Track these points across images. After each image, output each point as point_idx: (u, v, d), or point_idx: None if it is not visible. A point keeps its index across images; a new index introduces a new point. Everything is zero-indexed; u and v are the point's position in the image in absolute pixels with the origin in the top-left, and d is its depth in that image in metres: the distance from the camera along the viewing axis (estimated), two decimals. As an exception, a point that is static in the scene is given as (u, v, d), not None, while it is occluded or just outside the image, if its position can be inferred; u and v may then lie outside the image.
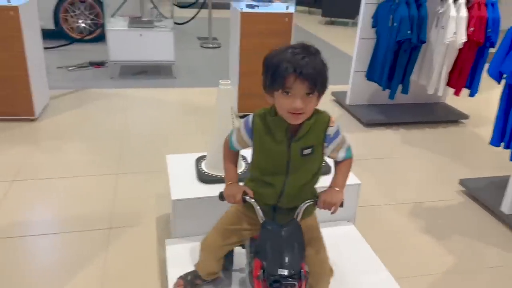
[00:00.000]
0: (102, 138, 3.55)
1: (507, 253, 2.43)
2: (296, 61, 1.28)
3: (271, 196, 1.50)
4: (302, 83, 1.29)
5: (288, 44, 1.38)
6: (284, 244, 1.39)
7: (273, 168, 1.46)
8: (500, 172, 3.15)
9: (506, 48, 2.58)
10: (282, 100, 1.33)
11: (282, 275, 1.34)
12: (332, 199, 1.43)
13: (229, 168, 1.60)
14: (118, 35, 4.85)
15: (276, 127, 1.41)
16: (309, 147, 1.43)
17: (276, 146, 1.43)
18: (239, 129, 1.52)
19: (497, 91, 5.27)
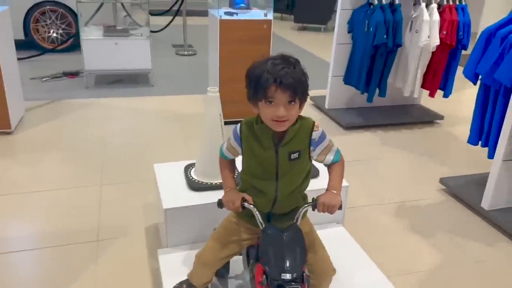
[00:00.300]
0: (82, 149, 3.49)
1: (490, 248, 2.52)
2: (276, 72, 1.34)
3: (265, 204, 1.54)
4: (283, 92, 1.35)
5: (268, 56, 1.44)
6: (286, 248, 1.41)
7: (263, 174, 1.50)
8: (477, 169, 3.27)
9: (480, 50, 2.68)
10: (265, 109, 1.39)
11: (285, 279, 1.35)
12: (331, 201, 1.46)
13: (226, 175, 1.62)
14: (93, 44, 4.78)
15: (263, 134, 1.47)
16: (295, 151, 1.48)
17: (264, 152, 1.48)
18: (229, 139, 1.57)
19: (469, 91, 5.50)
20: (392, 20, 3.69)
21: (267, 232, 1.47)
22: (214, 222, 2.09)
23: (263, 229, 1.48)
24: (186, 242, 2.13)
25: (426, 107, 4.55)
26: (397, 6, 3.75)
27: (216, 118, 2.15)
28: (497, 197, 2.69)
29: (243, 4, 3.93)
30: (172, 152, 3.51)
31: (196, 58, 6.74)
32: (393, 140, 3.97)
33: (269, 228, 1.48)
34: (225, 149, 1.60)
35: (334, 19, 10.39)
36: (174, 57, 6.74)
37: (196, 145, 3.64)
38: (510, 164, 2.60)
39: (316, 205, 1.48)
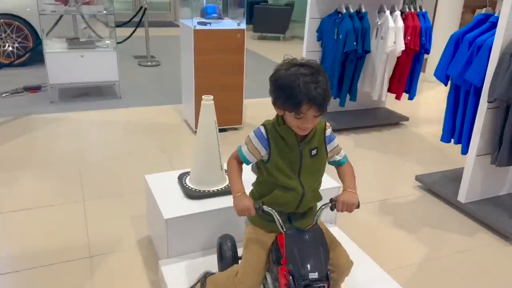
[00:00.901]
0: (57, 166, 3.38)
1: (470, 238, 2.68)
2: (309, 91, 1.38)
3: (293, 201, 1.58)
4: (314, 111, 1.42)
5: (293, 61, 1.48)
6: (311, 248, 1.45)
7: (289, 170, 1.56)
8: (447, 166, 3.46)
9: (450, 53, 2.86)
10: (293, 120, 1.47)
11: (313, 278, 1.39)
12: (350, 200, 1.53)
13: (236, 180, 1.62)
14: (58, 57, 4.64)
15: (287, 134, 1.54)
16: (314, 148, 1.58)
17: (290, 151, 1.56)
18: (250, 141, 1.59)
19: (431, 93, 5.80)
20: (360, 28, 3.85)
21: (290, 234, 1.50)
22: (214, 230, 2.12)
23: (286, 231, 1.52)
24: (187, 252, 2.12)
25: (392, 109, 4.75)
26: (364, 14, 3.92)
27: (212, 125, 2.16)
28: (472, 190, 2.86)
29: (215, 14, 3.97)
30: (151, 164, 3.47)
31: (159, 69, 6.68)
32: (365, 142, 4.13)
33: (291, 230, 1.52)
34: (246, 152, 1.60)
35: (292, 28, 10.66)
36: (137, 68, 6.66)
37: (174, 155, 3.65)
38: (482, 158, 2.78)
39: (335, 204, 1.53)
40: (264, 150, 1.57)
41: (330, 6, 4.03)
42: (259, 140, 1.56)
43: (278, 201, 1.58)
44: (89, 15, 5.47)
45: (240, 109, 4.12)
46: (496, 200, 2.93)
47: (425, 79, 6.09)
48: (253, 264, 1.60)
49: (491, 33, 2.64)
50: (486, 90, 2.58)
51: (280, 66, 1.49)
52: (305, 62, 1.46)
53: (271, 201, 1.58)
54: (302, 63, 1.46)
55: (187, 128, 4.23)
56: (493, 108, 2.64)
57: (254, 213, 1.53)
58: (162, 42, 8.43)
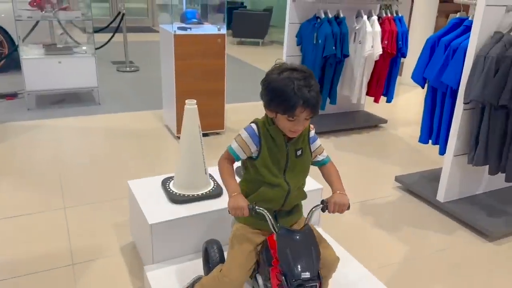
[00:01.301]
0: (37, 173, 3.32)
1: (449, 236, 2.75)
2: (303, 95, 1.44)
3: (279, 198, 1.62)
4: (307, 113, 1.48)
5: (285, 66, 1.53)
6: (303, 249, 1.47)
7: (275, 168, 1.60)
8: (425, 166, 3.54)
9: (426, 56, 2.94)
10: (285, 122, 1.52)
11: (305, 278, 1.41)
12: (341, 201, 1.57)
13: (231, 181, 1.63)
14: (35, 64, 4.57)
15: (276, 134, 1.59)
16: (299, 148, 1.63)
17: (277, 149, 1.60)
18: (241, 138, 1.61)
19: (409, 96, 5.92)
20: (339, 32, 3.92)
21: (282, 235, 1.52)
22: (200, 234, 2.12)
23: (278, 232, 1.53)
24: (172, 257, 2.11)
25: (371, 112, 4.84)
26: (342, 19, 3.99)
27: (195, 130, 2.17)
28: (450, 190, 2.94)
29: (195, 19, 3.97)
30: (133, 170, 3.44)
31: (138, 74, 6.64)
32: (345, 144, 4.19)
33: (283, 230, 1.53)
34: (237, 148, 1.62)
35: (271, 33, 10.72)
36: (116, 74, 6.60)
37: (156, 161, 3.63)
38: (460, 158, 2.85)
39: (327, 206, 1.57)
40: (254, 147, 1.60)
41: (308, 11, 4.09)
42: (250, 136, 1.60)
43: (265, 198, 1.61)
44: (66, 21, 5.40)
45: (222, 113, 4.13)
46: (473, 199, 3.01)
47: (402, 82, 6.21)
48: (238, 259, 1.62)
49: (466, 36, 2.72)
50: (462, 91, 2.66)
51: (272, 70, 1.54)
52: (297, 67, 1.51)
53: (257, 198, 1.60)
54: (294, 68, 1.51)
55: (169, 134, 4.21)
56: (469, 109, 2.72)
57: (248, 213, 1.54)
58: (141, 47, 8.38)
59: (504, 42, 2.51)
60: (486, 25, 2.58)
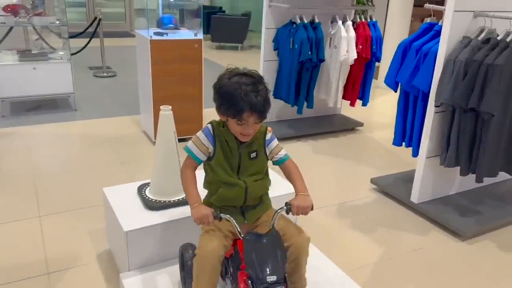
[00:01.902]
0: (10, 182, 3.26)
1: (423, 236, 2.81)
2: (250, 100, 1.49)
3: (238, 196, 1.65)
4: (254, 117, 1.53)
5: (235, 71, 1.57)
6: (268, 252, 1.49)
7: (229, 168, 1.65)
8: (400, 168, 3.61)
9: (398, 61, 3.01)
10: (235, 126, 1.57)
11: (271, 281, 1.43)
12: (304, 203, 1.60)
13: (192, 191, 1.65)
14: (9, 70, 4.50)
15: (229, 136, 1.64)
16: (254, 151, 1.68)
17: (230, 152, 1.65)
18: (198, 139, 1.65)
19: (384, 99, 6.01)
20: (314, 37, 3.97)
21: (248, 239, 1.54)
22: (176, 240, 2.11)
23: (244, 237, 1.55)
24: (148, 264, 2.11)
25: (347, 116, 4.90)
26: (317, 24, 4.04)
27: (171, 135, 2.17)
28: (424, 191, 3.00)
29: (171, 25, 3.97)
30: (110, 177, 3.41)
31: (116, 80, 6.59)
32: (322, 147, 4.23)
33: (249, 235, 1.55)
34: (195, 150, 1.65)
35: (250, 38, 10.75)
36: (92, 79, 6.54)
37: (134, 167, 3.61)
38: (432, 160, 2.92)
39: (291, 209, 1.59)
40: (211, 146, 1.64)
41: (284, 16, 4.13)
42: (206, 136, 1.64)
43: (225, 197, 1.65)
44: (41, 27, 5.33)
45: (199, 118, 4.13)
46: (446, 199, 3.09)
47: (377, 86, 6.31)
48: (209, 235, 1.60)
49: (436, 41, 2.80)
50: (433, 95, 2.73)
51: (223, 74, 1.58)
52: (247, 72, 1.56)
53: (218, 199, 1.65)
54: (244, 73, 1.55)
55: (146, 139, 4.19)
56: (440, 112, 2.79)
57: (213, 220, 1.55)
58: (118, 52, 8.32)
59: (472, 47, 2.59)
60: (455, 30, 2.66)
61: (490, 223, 2.86)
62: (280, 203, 1.87)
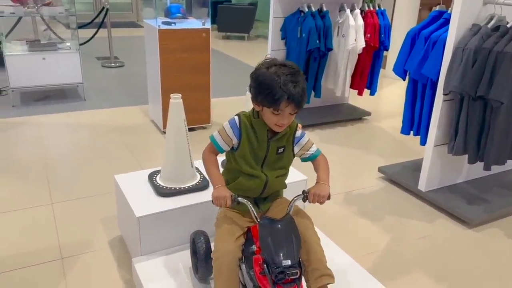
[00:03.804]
0: (23, 170, 3.31)
1: (430, 224, 2.83)
2: (288, 90, 1.48)
3: (257, 188, 1.68)
4: (291, 108, 1.52)
5: (274, 61, 1.57)
6: (284, 237, 1.52)
7: (253, 161, 1.66)
8: (408, 157, 3.62)
9: (407, 49, 3.01)
10: (271, 116, 1.56)
11: (286, 265, 1.46)
12: (321, 192, 1.61)
13: (216, 172, 1.69)
14: (19, 60, 4.54)
15: (260, 128, 1.64)
16: (282, 146, 1.68)
17: (258, 144, 1.65)
18: (223, 130, 1.66)
19: (392, 88, 6.00)
20: (322, 26, 3.96)
21: (264, 224, 1.56)
22: (187, 226, 2.15)
23: (260, 222, 1.58)
24: (159, 249, 2.15)
25: (355, 105, 4.90)
26: (325, 13, 4.03)
27: (181, 124, 2.20)
28: (431, 179, 3.01)
29: (179, 14, 3.98)
30: (119, 165, 3.45)
31: (124, 70, 6.62)
32: (330, 137, 4.25)
33: (265, 220, 1.58)
34: (219, 140, 1.67)
35: (256, 28, 10.71)
36: (101, 69, 6.57)
37: (143, 156, 3.65)
38: (440, 148, 2.93)
39: (307, 196, 1.61)
40: (235, 138, 1.65)
41: (292, 5, 4.12)
42: (232, 128, 1.65)
43: (243, 187, 1.67)
44: (50, 17, 5.35)
45: (207, 108, 4.15)
46: (454, 187, 3.10)
47: (385, 75, 6.30)
48: (224, 233, 1.63)
49: (445, 29, 2.79)
50: (441, 83, 2.73)
51: (261, 64, 1.58)
52: (285, 62, 1.56)
53: (236, 187, 1.66)
54: (282, 63, 1.55)
55: (155, 128, 4.23)
56: (448, 100, 2.79)
57: (230, 203, 1.58)
58: (125, 42, 8.34)
59: (481, 34, 2.58)
60: (464, 17, 2.65)
61: (497, 211, 2.87)
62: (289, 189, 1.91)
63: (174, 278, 1.98)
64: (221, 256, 1.59)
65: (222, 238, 1.64)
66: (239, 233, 1.65)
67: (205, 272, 1.90)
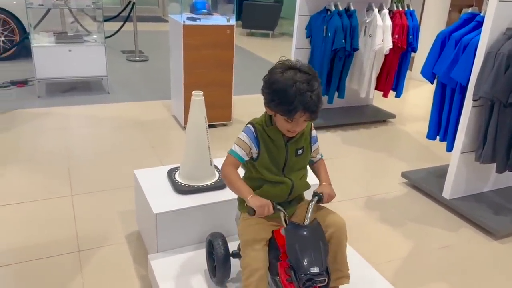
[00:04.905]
0: (44, 160, 3.35)
1: (454, 233, 2.74)
2: (304, 99, 1.42)
3: (283, 193, 1.65)
4: (306, 117, 1.48)
5: (289, 64, 1.49)
6: (311, 243, 1.48)
7: (274, 168, 1.63)
8: (432, 163, 3.52)
9: (436, 52, 2.91)
10: (284, 123, 1.52)
11: (314, 272, 1.42)
12: (331, 192, 1.66)
13: (241, 184, 1.61)
14: (45, 52, 4.60)
15: (275, 135, 1.60)
16: (300, 148, 1.65)
17: (276, 150, 1.62)
18: (242, 140, 1.61)
19: (418, 91, 5.87)
20: (349, 25, 3.88)
21: (291, 230, 1.52)
22: (204, 224, 2.13)
23: (286, 228, 1.54)
24: (176, 246, 2.13)
25: (379, 107, 4.81)
26: (352, 12, 3.95)
27: (201, 121, 2.17)
28: (456, 187, 2.92)
29: (205, 10, 3.96)
30: (140, 159, 3.46)
31: (148, 64, 6.66)
32: (352, 138, 4.17)
33: (292, 226, 1.54)
34: (240, 150, 1.61)
35: (281, 25, 10.65)
36: (125, 63, 6.62)
37: (163, 151, 3.65)
38: (467, 155, 2.83)
39: (323, 197, 1.62)
40: (254, 148, 1.61)
41: (319, 3, 4.05)
42: (250, 138, 1.61)
43: (269, 194, 1.61)
44: (77, 9, 5.41)
45: (229, 105, 4.13)
46: (480, 196, 3.00)
47: (412, 77, 6.16)
48: (250, 240, 1.58)
49: (477, 32, 2.69)
50: (471, 88, 2.63)
51: (275, 68, 1.51)
52: (301, 66, 1.47)
53: (262, 195, 1.60)
54: (298, 68, 1.47)
55: (176, 124, 4.23)
56: (478, 106, 2.69)
57: (272, 210, 1.53)
58: (150, 37, 8.39)
59: (516, 39, 2.48)
60: (498, 21, 2.55)
61: (525, 223, 2.77)
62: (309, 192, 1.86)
63: (190, 279, 1.96)
64: (250, 265, 1.54)
65: (250, 246, 1.58)
66: (266, 239, 1.61)
67: (223, 276, 1.87)
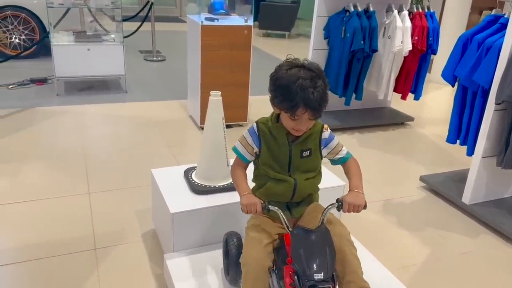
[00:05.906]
0: (62, 158, 3.39)
1: (473, 239, 2.68)
2: (305, 95, 1.40)
3: (286, 192, 1.62)
4: (309, 114, 1.45)
5: (295, 62, 1.49)
6: (317, 248, 1.44)
7: (278, 166, 1.61)
8: (451, 167, 3.46)
9: (458, 54, 2.86)
10: (288, 120, 1.51)
11: (318, 279, 1.38)
12: (356, 201, 1.52)
13: (241, 181, 1.64)
14: (65, 50, 4.66)
15: (278, 132, 1.58)
16: (307, 149, 1.61)
17: (279, 149, 1.60)
18: (244, 139, 1.63)
19: (437, 94, 5.79)
20: (368, 26, 3.84)
21: (296, 234, 1.49)
22: (220, 225, 2.12)
23: (292, 231, 1.51)
24: (192, 246, 2.13)
25: (397, 109, 4.75)
26: (372, 13, 3.91)
27: (219, 121, 2.17)
28: (477, 192, 2.86)
29: (223, 10, 3.96)
30: (156, 158, 3.48)
31: (165, 64, 6.69)
32: (369, 141, 4.13)
33: (297, 230, 1.51)
34: (242, 149, 1.64)
35: (298, 26, 10.62)
36: (143, 63, 6.66)
37: (180, 150, 3.66)
38: (488, 160, 2.78)
39: (342, 205, 1.52)
40: (255, 146, 1.61)
41: (337, 4, 4.02)
42: (251, 136, 1.61)
43: (272, 192, 1.62)
44: (96, 9, 5.47)
45: (245, 105, 4.12)
46: (500, 202, 2.93)
47: (431, 80, 6.08)
48: (253, 241, 1.58)
49: (501, 35, 2.63)
50: (494, 91, 2.58)
51: (281, 65, 1.51)
52: (306, 64, 1.47)
53: (265, 193, 1.61)
54: (303, 65, 1.47)
55: (193, 124, 4.24)
56: (500, 110, 2.63)
57: (260, 209, 1.53)
58: (168, 37, 8.43)
59: (541, 42, 2.42)
60: (523, 23, 2.49)
61: (548, 231, 2.70)
62: (326, 195, 1.84)
63: (205, 278, 1.95)
64: (247, 263, 1.55)
65: (249, 245, 1.60)
66: (268, 241, 1.59)
67: (236, 274, 1.86)
